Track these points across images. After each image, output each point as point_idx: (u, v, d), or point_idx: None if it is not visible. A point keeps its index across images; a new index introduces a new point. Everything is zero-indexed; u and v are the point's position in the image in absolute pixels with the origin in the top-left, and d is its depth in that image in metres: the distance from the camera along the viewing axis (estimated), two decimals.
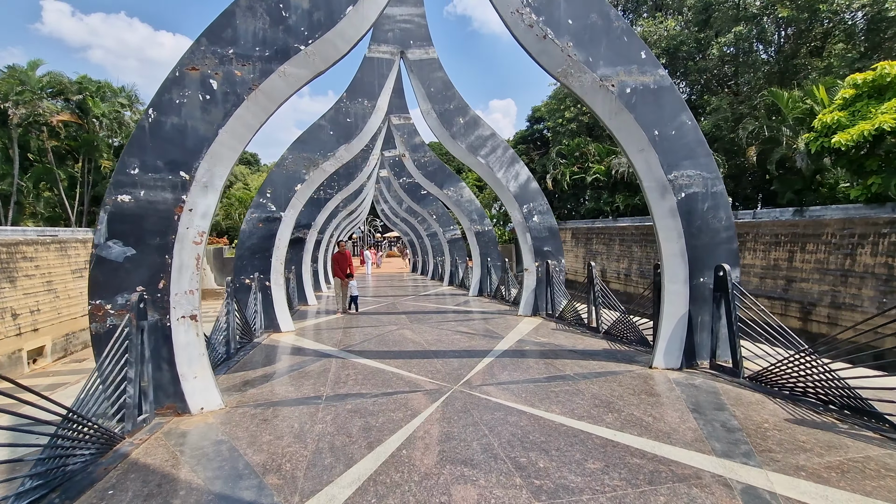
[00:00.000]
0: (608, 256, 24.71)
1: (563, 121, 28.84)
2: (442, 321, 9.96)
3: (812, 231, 13.79)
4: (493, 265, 14.44)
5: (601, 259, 25.58)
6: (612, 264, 24.32)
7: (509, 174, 9.99)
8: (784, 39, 24.98)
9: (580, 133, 28.20)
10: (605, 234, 25.40)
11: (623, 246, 23.08)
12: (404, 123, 14.44)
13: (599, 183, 26.66)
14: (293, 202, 9.14)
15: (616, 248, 23.88)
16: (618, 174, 24.41)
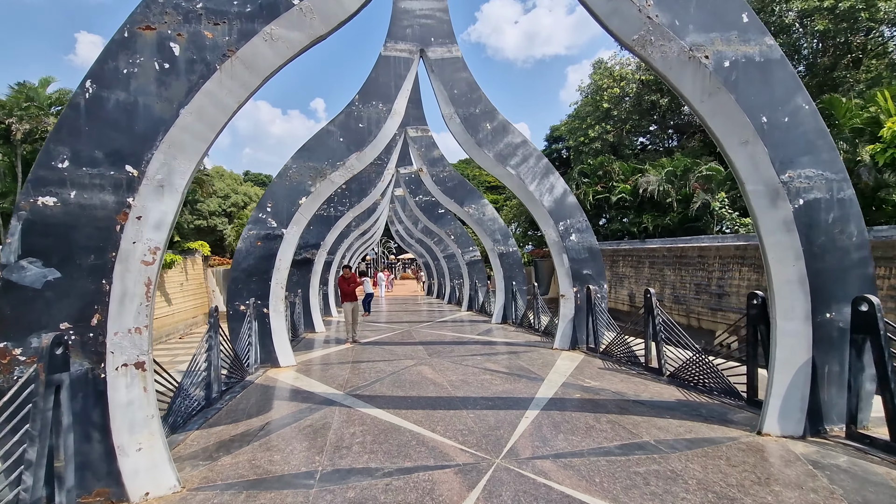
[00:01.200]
0: (636, 280, 23.12)
1: (586, 139, 27.70)
2: (465, 355, 8.59)
3: (882, 254, 12.19)
4: (519, 289, 13.07)
5: (629, 283, 23.99)
6: (641, 288, 22.69)
7: (543, 187, 8.74)
8: (819, 52, 23.67)
9: (603, 151, 27.01)
10: (632, 256, 23.87)
11: (654, 269, 21.52)
12: (422, 136, 13.39)
13: (625, 203, 25.29)
14: (297, 217, 8.00)
15: (645, 272, 22.31)
16: (645, 193, 23.04)
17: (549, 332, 10.58)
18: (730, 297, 17.06)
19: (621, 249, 25.02)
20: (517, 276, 13.38)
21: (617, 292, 25.16)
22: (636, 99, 26.29)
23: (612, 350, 7.75)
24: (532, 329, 11.49)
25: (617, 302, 24.93)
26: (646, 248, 22.53)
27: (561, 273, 8.88)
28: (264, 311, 7.86)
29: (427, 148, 13.34)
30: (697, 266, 18.98)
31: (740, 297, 16.58)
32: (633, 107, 26.71)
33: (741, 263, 16.71)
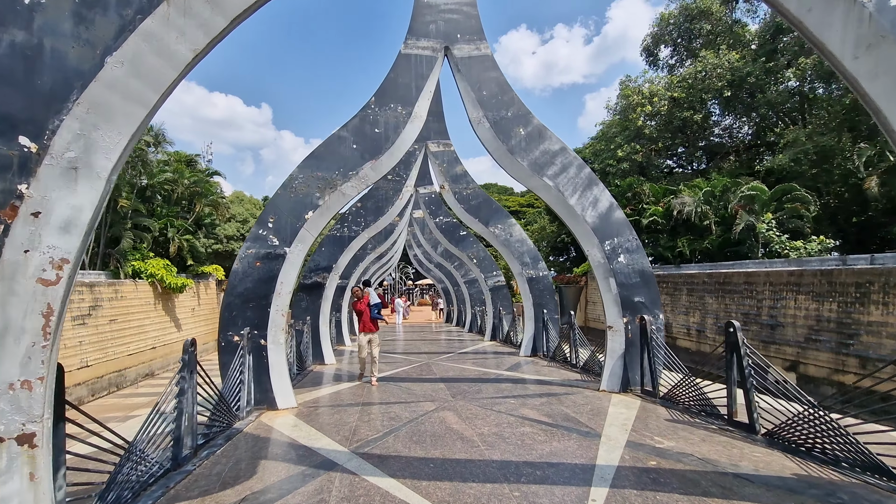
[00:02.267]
0: (673, 308, 21.41)
1: (614, 161, 26.52)
2: (495, 397, 7.27)
3: None
4: (551, 318, 11.72)
5: (665, 312, 22.25)
6: (678, 317, 20.98)
7: (585, 200, 7.55)
8: None
9: (632, 172, 25.74)
10: (668, 282, 22.23)
11: (692, 296, 19.85)
12: (443, 150, 12.43)
13: (657, 226, 23.81)
14: (302, 234, 6.95)
15: (683, 299, 20.63)
16: (680, 215, 21.56)
17: (589, 369, 9.18)
18: (784, 328, 15.32)
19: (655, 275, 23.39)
20: (548, 304, 12.05)
21: None
22: (667, 117, 25.13)
23: (678, 396, 6.35)
24: (568, 364, 10.08)
25: None
26: (683, 274, 20.91)
27: (608, 300, 7.57)
28: (261, 343, 6.73)
29: (449, 164, 12.35)
30: (744, 293, 17.30)
31: (797, 328, 14.84)
32: (663, 125, 25.53)
33: (797, 291, 15.04)
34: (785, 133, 21.36)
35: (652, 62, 29.47)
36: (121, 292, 18.21)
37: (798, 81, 22.51)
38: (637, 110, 25.02)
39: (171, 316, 21.70)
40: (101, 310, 16.92)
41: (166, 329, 21.20)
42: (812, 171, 19.89)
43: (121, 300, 18.20)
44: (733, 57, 22.24)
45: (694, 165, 30.50)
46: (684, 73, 24.58)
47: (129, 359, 18.47)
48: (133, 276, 19.66)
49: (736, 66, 21.97)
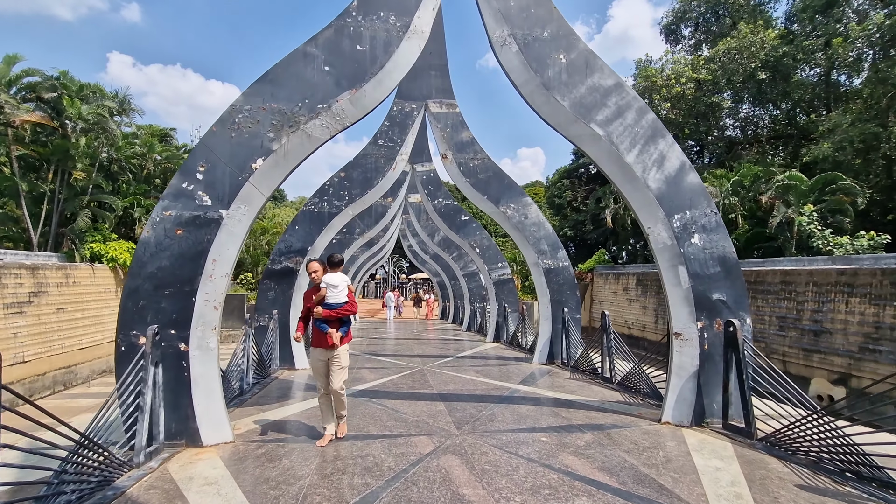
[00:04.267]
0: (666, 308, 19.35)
1: None
2: (517, 428, 5.17)
3: None
4: (573, 318, 9.62)
5: None
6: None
7: (648, 157, 5.44)
8: None
9: None
10: None
11: None
12: (447, 112, 10.25)
13: None
14: (247, 191, 4.79)
15: None
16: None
17: (630, 386, 7.10)
18: (832, 335, 13.34)
19: None
20: (569, 301, 9.96)
21: (667, 324, 21.39)
22: (692, 101, 23.01)
23: (793, 441, 4.26)
24: (598, 378, 8.00)
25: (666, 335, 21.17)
26: None
27: (675, 298, 5.47)
28: (181, 349, 4.57)
29: (454, 128, 10.18)
30: (780, 294, 15.31)
31: (849, 336, 12.86)
32: (687, 110, 23.41)
33: (849, 293, 13.05)
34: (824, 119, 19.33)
35: (673, 41, 27.32)
36: (73, 277, 15.92)
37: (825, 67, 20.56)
38: (661, 91, 22.86)
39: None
40: (46, 297, 14.65)
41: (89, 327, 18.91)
42: (856, 161, 17.90)
43: (73, 286, 15.92)
44: (770, 35, 20.17)
45: (706, 158, 28.49)
46: (714, 51, 22.40)
47: (81, 353, 16.20)
48: (91, 259, 17.39)
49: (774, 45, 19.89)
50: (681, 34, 27.44)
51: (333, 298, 4.63)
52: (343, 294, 4.68)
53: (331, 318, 4.61)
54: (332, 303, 4.63)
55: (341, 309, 4.65)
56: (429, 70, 10.13)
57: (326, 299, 4.61)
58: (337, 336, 4.59)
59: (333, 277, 4.68)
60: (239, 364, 6.81)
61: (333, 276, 4.68)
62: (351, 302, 4.74)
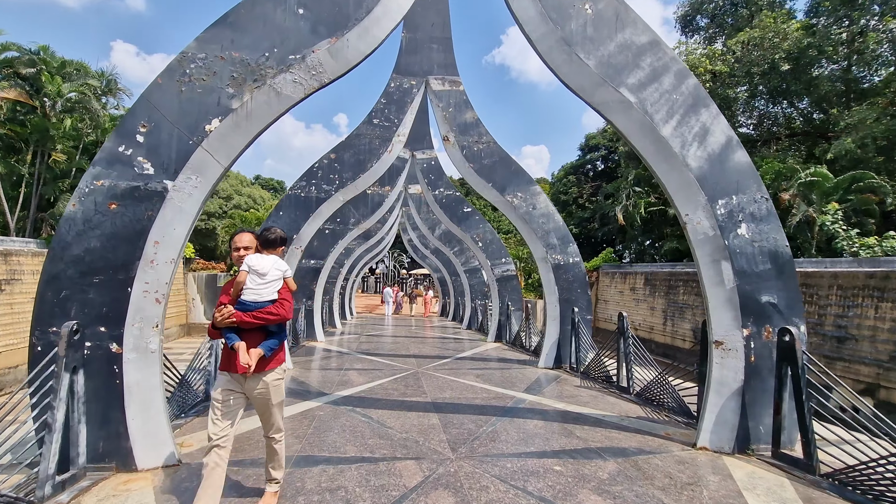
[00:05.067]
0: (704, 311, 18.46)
1: None
2: (525, 452, 4.29)
3: None
4: (583, 319, 8.73)
5: (692, 314, 19.37)
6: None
7: (688, 130, 4.53)
8: None
9: None
10: (696, 281, 19.24)
11: None
12: (450, 90, 9.32)
13: None
14: (199, 159, 3.91)
15: None
16: None
17: (652, 399, 6.22)
18: (858, 342, 12.43)
19: (680, 273, 20.46)
20: (579, 300, 9.06)
21: (676, 326, 20.53)
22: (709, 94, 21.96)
23: (884, 481, 3.37)
24: (613, 386, 7.12)
25: (675, 338, 20.30)
26: None
27: (715, 299, 4.57)
28: (112, 350, 3.70)
29: (457, 108, 9.26)
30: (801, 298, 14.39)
31: (877, 343, 11.95)
32: None
33: (879, 297, 12.13)
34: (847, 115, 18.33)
35: (689, 32, 26.28)
36: None
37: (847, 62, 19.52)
38: None
39: None
40: (20, 284, 13.84)
41: None
42: (877, 158, 16.92)
43: None
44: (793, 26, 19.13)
45: None
46: (734, 41, 21.36)
47: None
48: None
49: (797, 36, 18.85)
50: (697, 25, 26.40)
51: (254, 294, 2.95)
52: (272, 288, 3.00)
53: (244, 326, 2.88)
54: (249, 300, 2.93)
55: (264, 311, 2.92)
56: (430, 43, 9.21)
57: (244, 294, 2.95)
58: (252, 355, 2.80)
59: (262, 261, 3.01)
60: (204, 365, 5.94)
61: (262, 260, 3.02)
62: (282, 302, 3.01)
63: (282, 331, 3.10)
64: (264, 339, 2.95)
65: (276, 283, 3.04)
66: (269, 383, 3.00)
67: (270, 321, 2.95)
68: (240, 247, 3.07)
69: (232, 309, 2.89)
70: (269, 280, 3.01)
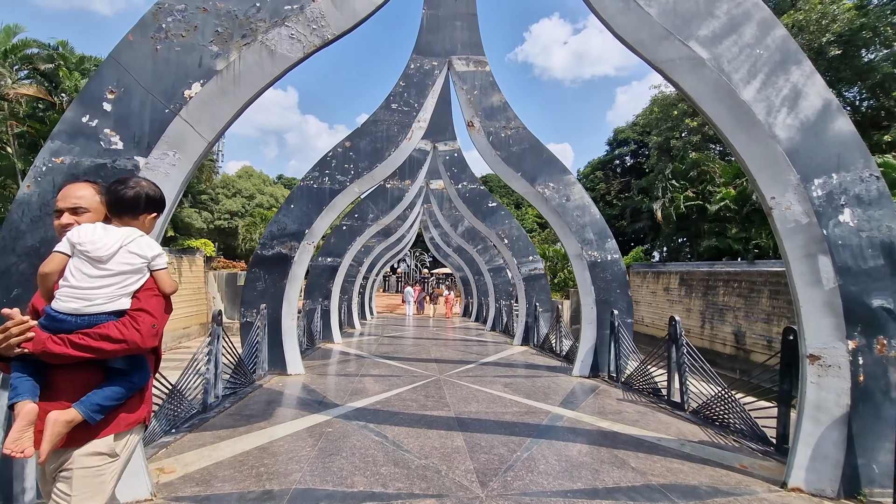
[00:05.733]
0: (748, 314, 17.19)
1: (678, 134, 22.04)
2: (569, 491, 3.48)
3: None
4: (623, 322, 7.83)
5: (734, 317, 18.06)
6: (755, 326, 16.77)
7: (775, 92, 3.64)
8: None
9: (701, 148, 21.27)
10: (739, 281, 18.01)
11: (778, 300, 15.62)
12: (475, 71, 8.54)
13: (726, 213, 19.50)
14: (177, 129, 3.25)
15: (764, 303, 16.40)
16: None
17: (710, 417, 5.31)
18: None
19: (720, 272, 19.14)
20: (619, 302, 8.16)
21: (715, 329, 19.22)
22: None
23: None
24: (661, 400, 6.22)
25: (713, 342, 18.99)
26: (764, 272, 16.64)
27: (810, 302, 3.67)
28: None
29: (482, 91, 8.47)
30: None
31: None
32: None
33: None
34: None
35: None
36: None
37: None
38: None
39: None
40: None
41: None
42: None
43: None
44: (844, 6, 17.64)
45: None
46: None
47: None
48: None
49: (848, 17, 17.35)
50: None
51: (76, 297, 1.60)
52: (118, 288, 1.65)
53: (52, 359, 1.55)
54: (63, 310, 1.59)
55: (94, 333, 1.56)
56: (454, 20, 8.45)
57: (56, 298, 1.62)
58: (49, 424, 1.49)
59: (100, 236, 1.67)
60: (201, 372, 5.32)
61: (103, 235, 1.68)
62: (136, 317, 1.63)
63: (136, 370, 1.70)
64: (97, 384, 1.61)
65: (126, 280, 1.66)
66: (80, 466, 1.58)
67: (107, 353, 1.57)
68: (64, 208, 1.73)
69: (29, 323, 1.51)
70: (111, 273, 1.63)
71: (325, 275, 12.25)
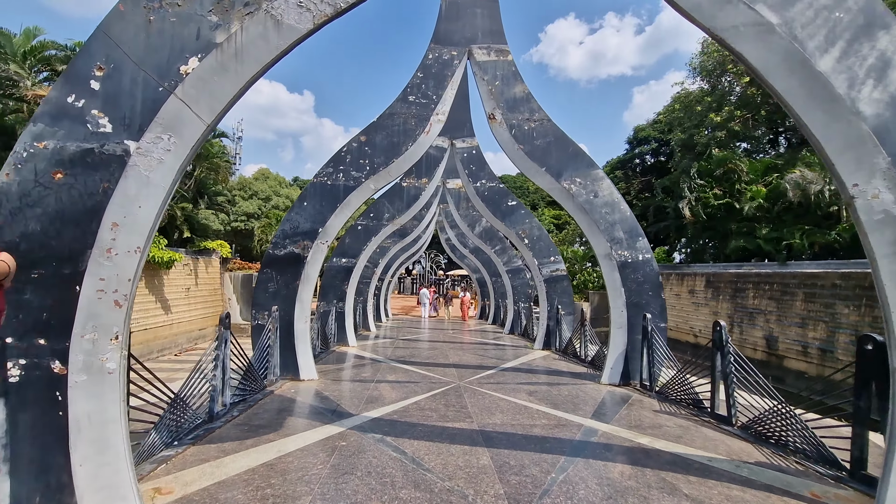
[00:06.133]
0: (782, 317, 16.35)
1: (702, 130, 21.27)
2: None
3: None
4: (657, 327, 7.29)
5: (763, 320, 17.22)
6: (789, 331, 15.93)
7: (857, 63, 3.13)
8: None
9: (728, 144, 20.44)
10: (770, 283, 17.17)
11: (813, 304, 14.77)
12: (496, 61, 8.09)
13: (756, 212, 18.64)
14: (172, 109, 2.87)
15: (798, 306, 15.55)
16: (797, 197, 16.38)
17: (764, 434, 4.76)
18: None
19: (749, 274, 18.29)
20: (651, 305, 7.61)
21: (745, 334, 18.39)
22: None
23: None
24: (704, 413, 5.67)
25: (743, 346, 18.15)
26: (798, 274, 15.80)
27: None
28: (53, 371, 2.71)
29: (504, 81, 8.01)
30: None
31: None
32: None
33: None
34: None
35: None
36: None
37: None
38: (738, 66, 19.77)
39: (157, 296, 18.43)
40: None
41: (149, 311, 17.94)
42: None
43: None
44: None
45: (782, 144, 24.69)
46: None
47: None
48: None
49: None
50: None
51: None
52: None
53: None
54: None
55: None
56: (473, 7, 8.03)
57: None
58: None
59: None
60: (209, 379, 4.97)
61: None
62: None
63: None
64: None
65: None
66: None
67: None
68: None
69: None
70: None
71: (339, 276, 11.90)
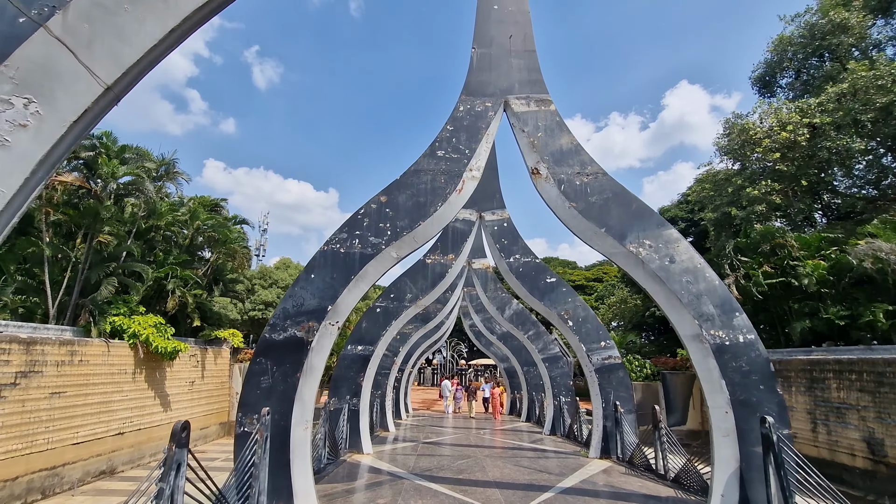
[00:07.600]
0: (882, 414, 13.53)
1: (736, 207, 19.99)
2: None
3: None
4: (780, 437, 5.26)
5: (858, 418, 14.34)
6: (892, 430, 13.07)
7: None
8: None
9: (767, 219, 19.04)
10: (857, 371, 14.54)
11: None
12: (537, 111, 7.07)
13: (819, 289, 16.58)
14: (38, 54, 1.56)
15: None
16: (873, 269, 14.42)
17: None
18: None
19: (828, 361, 15.72)
20: (767, 404, 5.65)
21: (834, 435, 15.36)
22: (808, 149, 18.85)
23: None
24: None
25: (835, 451, 15.05)
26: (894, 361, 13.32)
27: None
28: None
29: (548, 132, 6.92)
30: None
31: None
32: (804, 159, 19.13)
33: None
34: None
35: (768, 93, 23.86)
36: (81, 355, 13.50)
37: None
38: (764, 142, 19.03)
39: (157, 390, 16.62)
40: (39, 378, 12.11)
41: (146, 408, 16.00)
42: None
43: (78, 366, 13.43)
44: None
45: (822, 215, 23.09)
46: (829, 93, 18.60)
47: (72, 450, 13.25)
48: (112, 334, 15.14)
49: None
50: (776, 84, 23.98)
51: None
52: None
53: None
54: None
55: None
56: (509, 57, 7.23)
57: None
58: None
59: None
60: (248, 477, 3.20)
61: None
62: None
63: None
64: None
65: None
66: None
67: None
68: None
69: None
70: None
71: (354, 366, 10.17)
